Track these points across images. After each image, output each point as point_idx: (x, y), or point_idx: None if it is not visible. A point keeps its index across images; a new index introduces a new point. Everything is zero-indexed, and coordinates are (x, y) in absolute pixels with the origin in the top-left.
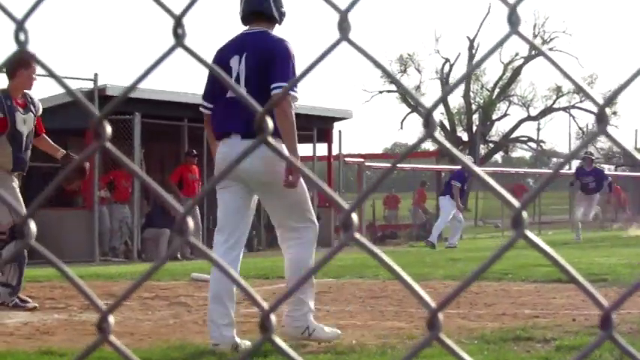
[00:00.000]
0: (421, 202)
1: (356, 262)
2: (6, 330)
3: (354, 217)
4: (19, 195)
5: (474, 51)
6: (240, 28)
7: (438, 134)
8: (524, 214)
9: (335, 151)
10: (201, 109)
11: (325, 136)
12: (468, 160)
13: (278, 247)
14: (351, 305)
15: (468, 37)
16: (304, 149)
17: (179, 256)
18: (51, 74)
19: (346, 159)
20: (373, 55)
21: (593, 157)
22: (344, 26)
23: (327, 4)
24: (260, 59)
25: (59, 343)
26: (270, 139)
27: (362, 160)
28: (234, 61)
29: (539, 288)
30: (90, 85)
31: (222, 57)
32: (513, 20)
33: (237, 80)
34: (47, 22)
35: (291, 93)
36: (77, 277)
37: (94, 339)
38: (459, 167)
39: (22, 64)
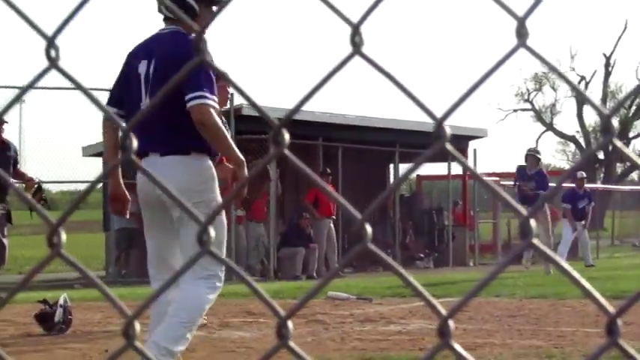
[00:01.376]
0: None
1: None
2: None
3: (533, 223)
4: None
5: (610, 68)
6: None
7: (617, 140)
8: None
9: None
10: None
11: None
12: None
13: (413, 266)
14: (488, 324)
15: (605, 54)
16: (439, 168)
17: (314, 274)
18: (240, 93)
19: None
20: (550, 62)
21: (539, 156)
22: (522, 32)
23: (505, 11)
24: (166, 65)
25: None
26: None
27: (497, 178)
28: (142, 67)
29: None
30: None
31: (131, 62)
32: None
33: (146, 88)
34: None
35: (206, 101)
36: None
37: (232, 356)
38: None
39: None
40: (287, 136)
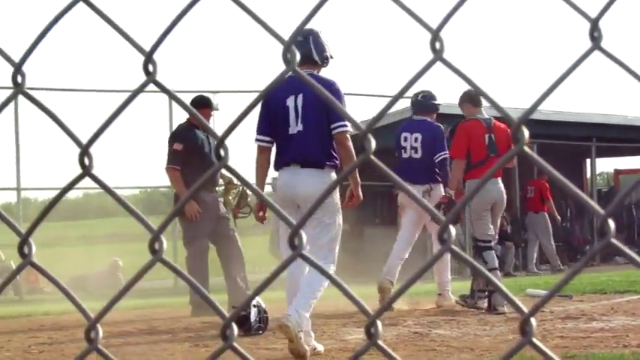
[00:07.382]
0: None
1: None
2: (347, 346)
3: None
4: None
5: None
6: None
7: None
8: None
9: None
10: (257, 142)
11: None
12: None
13: (612, 262)
14: None
15: None
16: (637, 161)
17: (512, 271)
18: (482, 94)
19: None
20: None
21: None
22: None
23: None
24: (316, 98)
25: None
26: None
27: None
28: (290, 101)
29: None
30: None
31: (278, 97)
32: None
33: (296, 117)
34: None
35: (348, 128)
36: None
37: (433, 354)
38: None
39: None
40: (527, 134)
